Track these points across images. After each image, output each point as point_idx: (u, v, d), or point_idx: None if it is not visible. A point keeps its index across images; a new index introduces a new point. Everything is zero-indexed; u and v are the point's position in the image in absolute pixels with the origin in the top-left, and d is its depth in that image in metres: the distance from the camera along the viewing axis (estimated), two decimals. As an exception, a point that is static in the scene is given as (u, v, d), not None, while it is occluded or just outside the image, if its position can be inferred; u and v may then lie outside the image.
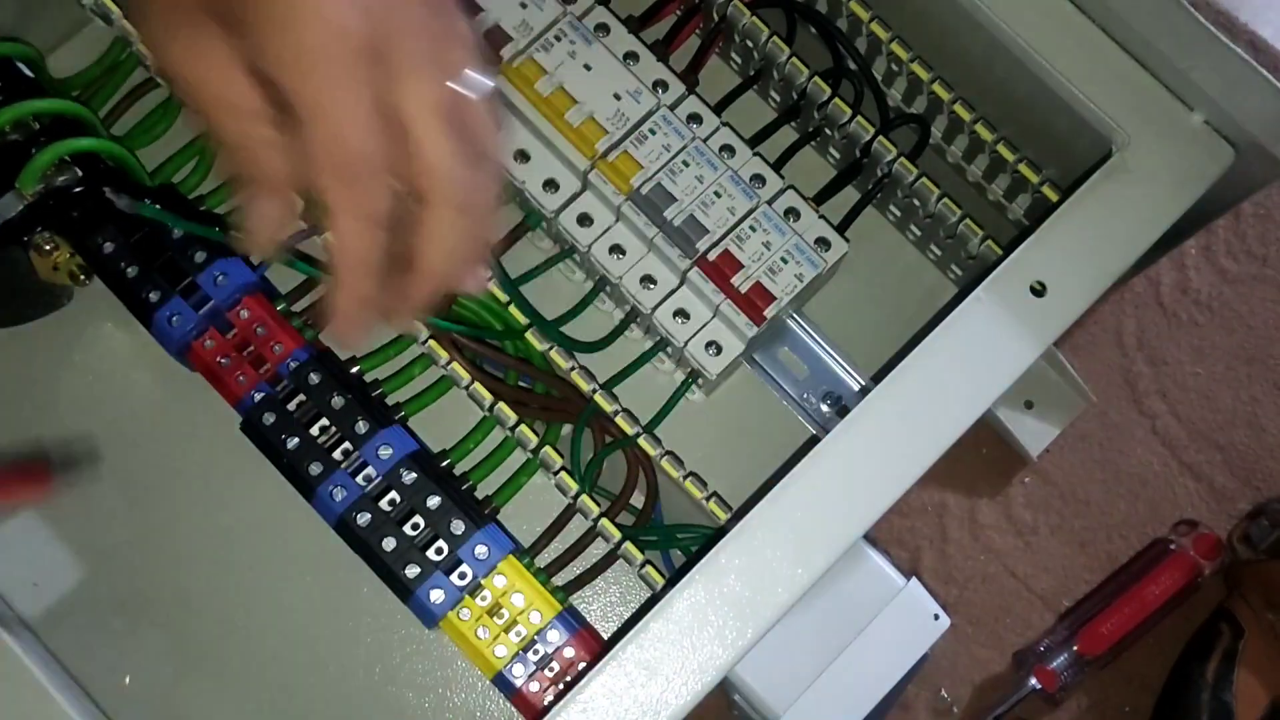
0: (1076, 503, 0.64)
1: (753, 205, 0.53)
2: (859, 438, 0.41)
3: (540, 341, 0.51)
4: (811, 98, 0.55)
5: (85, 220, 0.50)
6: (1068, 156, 0.50)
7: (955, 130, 0.54)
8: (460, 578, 0.47)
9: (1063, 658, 0.60)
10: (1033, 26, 0.48)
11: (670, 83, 0.54)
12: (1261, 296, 0.67)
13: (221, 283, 0.50)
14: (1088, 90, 0.47)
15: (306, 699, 0.55)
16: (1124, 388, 0.66)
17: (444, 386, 0.52)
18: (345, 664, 0.55)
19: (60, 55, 0.59)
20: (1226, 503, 0.64)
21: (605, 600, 0.57)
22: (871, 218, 0.60)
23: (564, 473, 0.50)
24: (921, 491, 0.63)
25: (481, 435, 0.52)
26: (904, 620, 0.50)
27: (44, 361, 0.57)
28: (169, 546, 0.56)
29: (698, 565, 0.40)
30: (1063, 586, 0.63)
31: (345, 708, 0.55)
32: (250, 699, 0.55)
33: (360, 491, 0.48)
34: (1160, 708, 0.61)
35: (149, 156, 0.55)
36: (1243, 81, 0.44)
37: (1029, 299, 0.43)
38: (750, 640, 0.39)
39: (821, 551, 0.40)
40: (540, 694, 0.47)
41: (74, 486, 0.55)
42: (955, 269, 0.59)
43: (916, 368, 0.42)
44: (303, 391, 0.49)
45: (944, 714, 0.61)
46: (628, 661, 0.39)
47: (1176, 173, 0.46)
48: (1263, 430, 0.65)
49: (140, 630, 0.55)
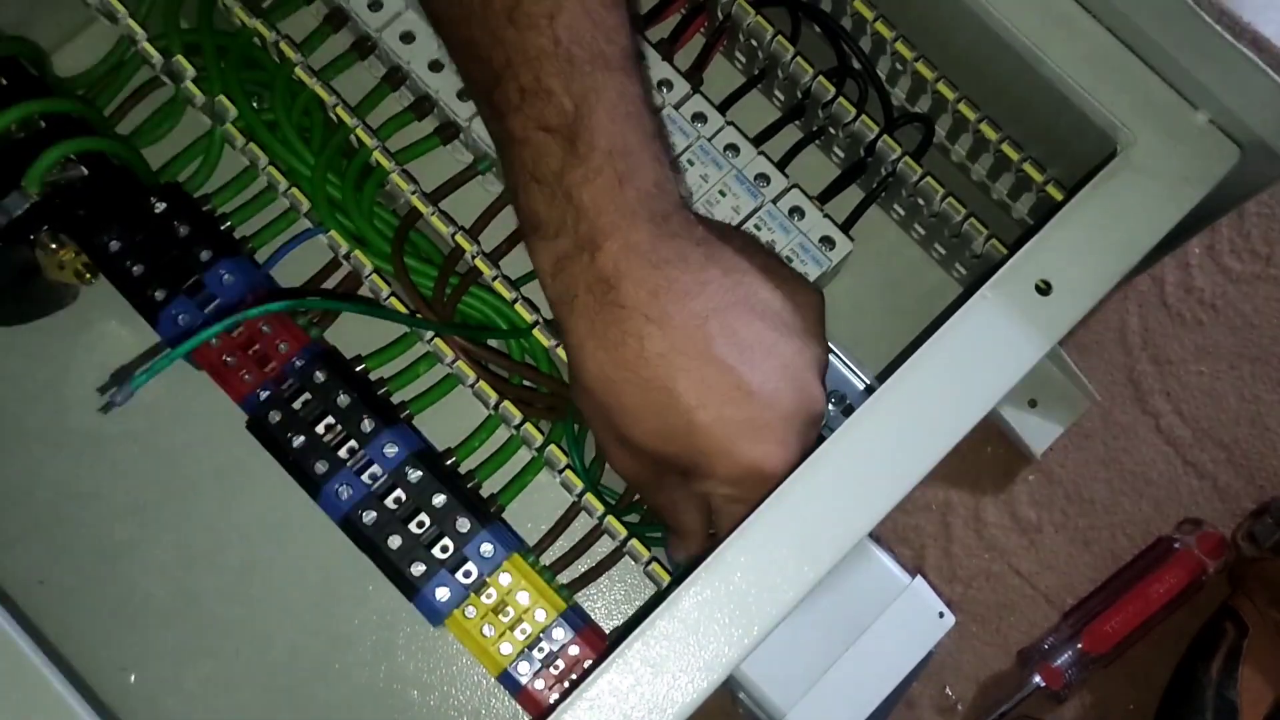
0: (1081, 501, 0.64)
1: (757, 204, 0.53)
2: (864, 436, 0.41)
3: (547, 339, 0.51)
4: (816, 97, 0.55)
5: (91, 218, 0.50)
6: (1072, 155, 0.50)
7: (960, 129, 0.54)
8: (465, 576, 0.47)
9: (1067, 655, 0.60)
10: (1037, 25, 0.47)
11: (675, 82, 0.54)
12: (1265, 295, 0.67)
13: (227, 281, 0.50)
14: (1092, 89, 0.47)
15: (311, 696, 0.55)
16: (1128, 386, 0.66)
17: (449, 385, 0.52)
18: (350, 662, 0.56)
19: (65, 54, 0.59)
20: (1231, 501, 0.64)
21: (610, 598, 0.57)
22: (876, 217, 0.60)
23: (569, 470, 0.50)
24: (926, 490, 0.63)
25: (486, 433, 0.52)
26: (909, 618, 0.50)
27: (49, 359, 0.57)
28: (174, 544, 0.56)
29: (703, 563, 0.40)
30: (1067, 584, 0.63)
31: (350, 705, 0.55)
32: (255, 696, 0.55)
33: (366, 490, 0.48)
34: (1165, 705, 0.61)
35: (154, 155, 0.55)
36: (1248, 81, 0.44)
37: (1034, 298, 0.43)
38: (756, 638, 0.39)
39: (827, 549, 0.40)
40: (545, 692, 0.47)
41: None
42: (959, 268, 0.59)
43: (921, 366, 0.42)
44: (308, 390, 0.49)
45: (949, 712, 0.61)
46: (633, 659, 0.39)
47: (1181, 172, 0.46)
48: (1267, 429, 0.65)
49: (145, 628, 0.55)
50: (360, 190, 0.53)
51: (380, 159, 0.52)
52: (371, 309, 0.50)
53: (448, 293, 0.52)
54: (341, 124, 0.53)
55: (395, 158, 0.53)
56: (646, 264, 0.40)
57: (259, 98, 0.55)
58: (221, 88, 0.53)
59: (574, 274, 0.41)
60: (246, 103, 0.53)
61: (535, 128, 0.41)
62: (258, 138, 0.53)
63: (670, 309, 0.40)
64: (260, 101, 0.55)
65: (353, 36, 0.56)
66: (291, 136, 0.53)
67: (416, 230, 0.53)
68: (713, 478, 0.42)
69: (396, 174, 0.52)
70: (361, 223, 0.53)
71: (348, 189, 0.53)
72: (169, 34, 0.54)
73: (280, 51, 0.53)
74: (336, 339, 0.52)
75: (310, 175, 0.53)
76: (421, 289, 0.52)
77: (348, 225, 0.53)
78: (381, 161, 0.52)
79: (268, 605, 0.56)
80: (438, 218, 0.52)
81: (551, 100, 0.40)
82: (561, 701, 0.38)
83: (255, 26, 0.54)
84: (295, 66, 0.53)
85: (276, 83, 0.53)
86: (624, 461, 0.45)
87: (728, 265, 0.42)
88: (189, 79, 0.52)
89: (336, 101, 0.53)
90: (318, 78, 0.53)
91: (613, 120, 0.41)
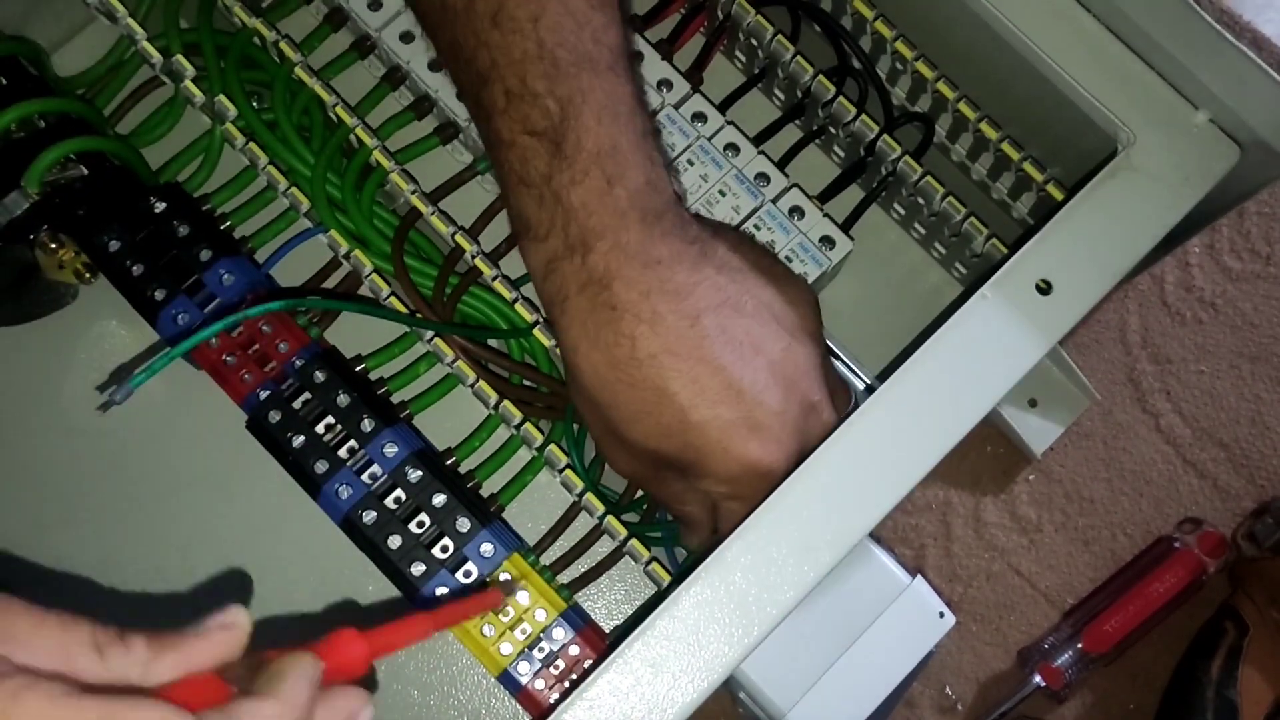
0: (1081, 501, 0.64)
1: (757, 204, 0.53)
2: (864, 436, 0.41)
3: (547, 338, 0.51)
4: (816, 96, 0.55)
5: (90, 218, 0.50)
6: (1072, 155, 0.50)
7: (960, 129, 0.54)
8: (465, 575, 0.47)
9: (1067, 655, 0.60)
10: (1037, 24, 0.47)
11: (674, 81, 0.54)
12: (1265, 294, 0.67)
13: (227, 281, 0.50)
14: (1092, 88, 0.47)
15: (312, 697, 0.55)
16: (1128, 386, 0.66)
17: (449, 384, 0.52)
18: (350, 662, 0.55)
19: (65, 53, 0.59)
20: (1231, 501, 0.64)
21: (610, 598, 0.57)
22: (876, 216, 0.60)
23: (569, 470, 0.50)
24: (926, 489, 0.63)
25: (487, 433, 0.52)
26: (909, 618, 0.50)
27: (49, 359, 0.57)
28: (174, 544, 0.56)
29: (704, 563, 0.40)
30: (1067, 584, 0.63)
31: (350, 705, 0.55)
32: (255, 697, 0.55)
33: (366, 489, 0.48)
34: (1165, 705, 0.61)
35: (154, 155, 0.55)
36: (1248, 80, 0.44)
37: (1034, 297, 0.43)
38: (756, 638, 0.39)
39: (827, 549, 0.40)
40: (545, 692, 0.47)
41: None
42: (960, 267, 0.59)
43: (921, 366, 0.42)
44: (308, 389, 0.49)
45: (949, 711, 0.61)
46: (634, 659, 0.39)
47: (1181, 171, 0.46)
48: (1267, 428, 0.65)
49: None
50: (360, 190, 0.53)
51: (380, 158, 0.52)
52: (371, 309, 0.50)
53: (448, 292, 0.52)
54: (341, 123, 0.53)
55: (395, 157, 0.53)
56: (637, 264, 0.41)
57: (259, 97, 0.55)
58: (221, 87, 0.53)
59: (566, 275, 0.41)
60: (246, 102, 0.53)
61: (521, 130, 0.41)
62: (257, 137, 0.53)
63: (661, 309, 0.41)
64: (260, 101, 0.55)
65: (352, 36, 0.56)
66: (291, 136, 0.53)
67: (416, 230, 0.53)
68: (709, 476, 0.42)
69: (396, 173, 0.52)
70: (361, 222, 0.53)
71: (347, 188, 0.53)
72: (169, 33, 0.54)
73: (280, 51, 0.53)
74: (336, 339, 0.52)
75: (310, 175, 0.52)
76: (421, 289, 0.52)
77: (347, 225, 0.53)
78: (381, 161, 0.52)
79: (268, 605, 0.56)
80: (437, 217, 0.51)
81: (537, 103, 0.41)
82: (561, 701, 0.38)
83: (255, 26, 0.54)
84: (295, 66, 0.53)
85: (276, 82, 0.53)
86: (622, 460, 0.45)
87: (721, 264, 0.42)
88: (189, 78, 0.52)
89: (336, 101, 0.53)
90: (317, 77, 0.53)
91: (600, 121, 0.41)
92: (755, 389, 0.41)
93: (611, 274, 0.41)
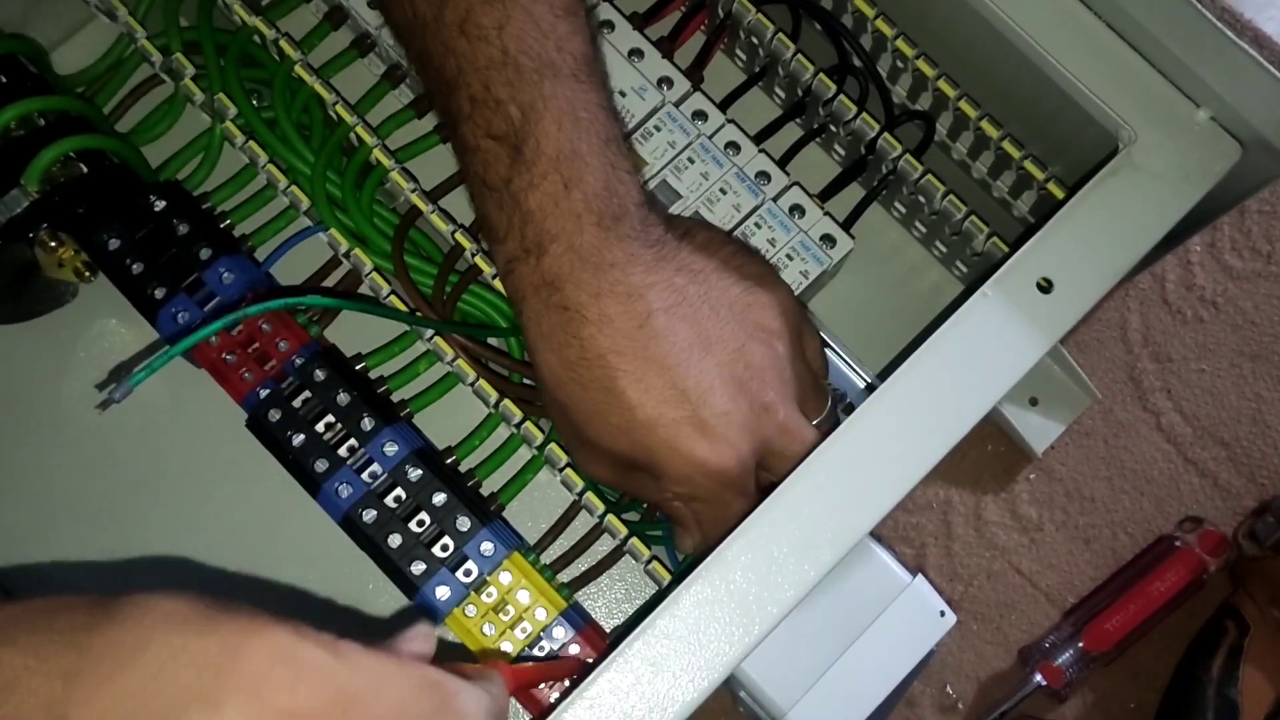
0: (1081, 499, 0.64)
1: (758, 202, 0.53)
2: (865, 435, 0.41)
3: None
4: (816, 94, 0.55)
5: (90, 216, 0.50)
6: (1073, 153, 0.50)
7: (960, 127, 0.54)
8: (466, 574, 0.47)
9: (1068, 654, 0.60)
10: (1038, 22, 0.47)
11: (675, 79, 0.54)
12: (1266, 293, 0.67)
13: (227, 279, 0.50)
14: (1093, 86, 0.47)
15: (312, 695, 0.55)
16: (1129, 384, 0.66)
17: (449, 383, 0.52)
18: (350, 660, 0.55)
19: (65, 51, 0.59)
20: (1232, 499, 0.64)
21: (610, 596, 0.57)
22: (876, 215, 0.60)
23: (569, 469, 0.50)
24: (927, 488, 0.63)
25: (487, 432, 0.52)
26: (909, 617, 0.50)
27: (49, 357, 0.57)
28: (174, 543, 0.56)
29: (704, 561, 0.40)
30: (1068, 583, 0.63)
31: (350, 704, 0.55)
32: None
33: (366, 488, 0.48)
34: (1166, 704, 0.61)
35: (153, 153, 0.55)
36: (1249, 78, 0.44)
37: (1035, 296, 0.43)
38: (757, 637, 0.39)
39: (828, 548, 0.40)
40: (545, 691, 0.47)
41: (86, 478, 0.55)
42: (960, 266, 0.59)
43: (922, 364, 0.42)
44: (308, 388, 0.49)
45: (949, 710, 0.61)
46: (634, 658, 0.39)
47: (1183, 169, 0.46)
48: (1268, 427, 0.65)
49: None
50: (360, 188, 0.53)
51: (380, 157, 0.52)
52: (371, 307, 0.50)
53: (447, 291, 0.52)
54: (341, 122, 0.53)
55: (395, 155, 0.53)
56: (590, 267, 0.41)
57: (258, 95, 0.55)
58: (221, 85, 0.53)
59: (522, 276, 0.42)
60: (246, 100, 0.53)
61: (484, 135, 0.42)
62: (257, 135, 0.52)
63: (611, 310, 0.41)
64: (260, 99, 0.55)
65: (352, 34, 0.56)
66: (291, 134, 0.53)
67: (416, 228, 0.53)
68: (665, 477, 0.43)
69: (396, 172, 0.52)
70: (361, 221, 0.53)
71: (347, 187, 0.53)
72: (168, 31, 0.54)
73: (280, 49, 0.53)
74: (336, 337, 0.52)
75: (310, 173, 0.52)
76: (421, 287, 0.52)
77: (347, 223, 0.53)
78: (381, 159, 0.52)
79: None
80: (437, 215, 0.51)
81: (499, 109, 0.42)
82: (561, 700, 0.38)
83: (255, 24, 0.54)
84: (295, 64, 0.53)
85: (276, 80, 0.53)
86: (588, 461, 0.46)
87: (681, 265, 0.43)
88: (188, 76, 0.52)
89: (336, 99, 0.53)
90: (317, 75, 0.53)
91: (560, 127, 0.42)
92: (700, 389, 0.41)
93: (564, 276, 0.41)
